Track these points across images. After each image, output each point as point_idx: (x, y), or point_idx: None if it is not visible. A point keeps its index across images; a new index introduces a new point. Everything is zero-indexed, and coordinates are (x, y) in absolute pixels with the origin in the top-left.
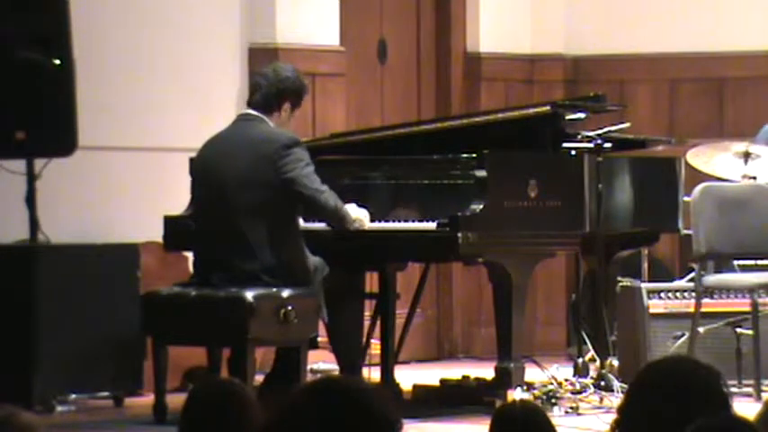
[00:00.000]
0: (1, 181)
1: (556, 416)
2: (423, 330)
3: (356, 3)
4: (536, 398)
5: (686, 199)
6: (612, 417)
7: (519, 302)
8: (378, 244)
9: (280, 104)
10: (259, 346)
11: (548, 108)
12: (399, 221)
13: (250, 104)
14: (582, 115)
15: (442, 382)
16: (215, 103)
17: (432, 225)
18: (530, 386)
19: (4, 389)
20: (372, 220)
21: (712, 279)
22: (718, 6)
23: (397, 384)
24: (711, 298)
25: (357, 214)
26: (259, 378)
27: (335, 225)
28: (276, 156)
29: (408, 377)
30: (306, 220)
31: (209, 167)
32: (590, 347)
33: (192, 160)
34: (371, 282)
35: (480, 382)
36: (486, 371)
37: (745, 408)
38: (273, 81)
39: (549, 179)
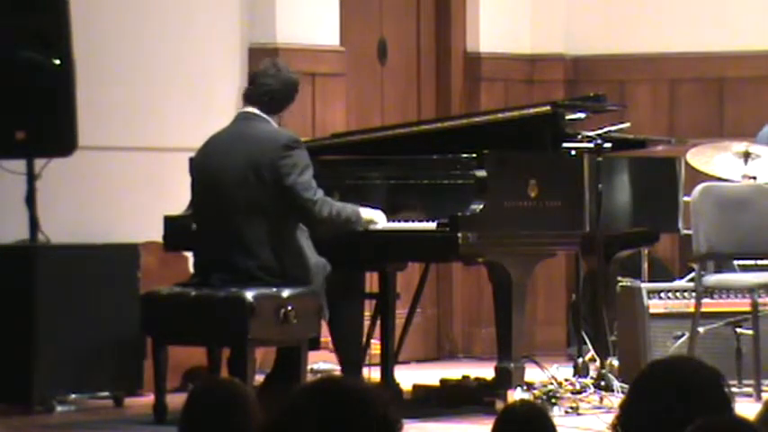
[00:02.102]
0: (1, 181)
1: (556, 416)
2: (423, 330)
3: (356, 3)
4: (536, 398)
5: (686, 199)
6: (613, 416)
7: (519, 302)
8: (378, 244)
9: (282, 109)
10: (259, 346)
11: (548, 108)
12: (399, 221)
13: (252, 102)
14: (582, 115)
15: (442, 382)
16: (215, 103)
17: (432, 225)
18: (530, 386)
19: (4, 389)
20: None
21: (712, 279)
22: (718, 6)
23: (397, 384)
24: (711, 298)
25: (370, 215)
26: (259, 378)
27: (337, 231)
28: (276, 156)
29: (408, 377)
30: None
31: (208, 167)
32: (590, 347)
33: (192, 160)
34: (371, 282)
35: (480, 382)
36: (486, 371)
37: (745, 408)
38: (281, 84)
39: (549, 179)
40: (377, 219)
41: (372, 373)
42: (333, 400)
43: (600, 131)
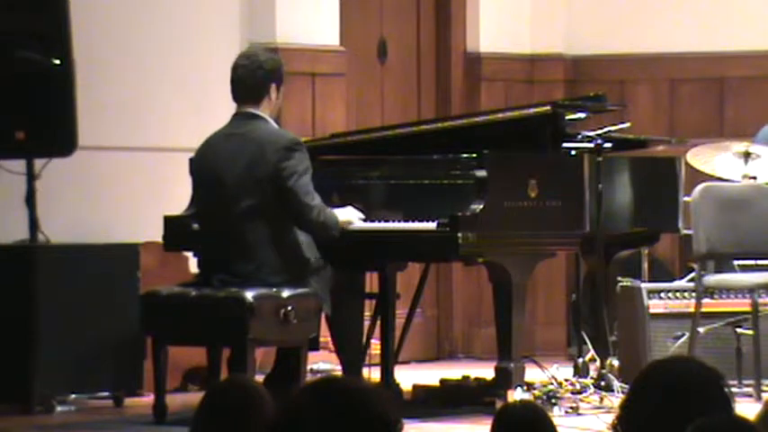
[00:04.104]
0: (1, 181)
1: (556, 416)
2: (423, 330)
3: (356, 3)
4: (536, 398)
5: (686, 199)
6: (612, 416)
7: (519, 302)
8: (378, 244)
9: (267, 89)
10: (259, 346)
11: (548, 108)
12: (399, 221)
13: (238, 99)
14: (582, 115)
15: (442, 382)
16: (215, 104)
17: (432, 225)
18: (530, 386)
19: (4, 389)
20: (372, 220)
21: (712, 279)
22: (717, 6)
23: (397, 384)
24: (711, 298)
25: (345, 217)
26: (259, 378)
27: (320, 236)
28: (276, 158)
29: (408, 377)
30: None
31: (209, 169)
32: (590, 347)
33: (191, 160)
34: (371, 282)
35: (480, 382)
36: (486, 371)
37: (745, 408)
38: (253, 68)
39: (549, 179)
40: (351, 218)
41: (372, 373)
42: (333, 400)
43: (600, 131)
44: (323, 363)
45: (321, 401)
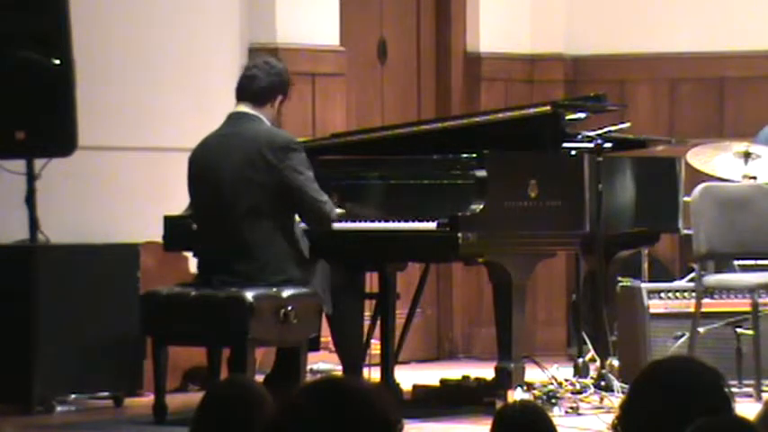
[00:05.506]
0: (1, 181)
1: (556, 416)
2: (423, 330)
3: (356, 3)
4: (536, 398)
5: (686, 199)
6: (613, 416)
7: (519, 302)
8: (378, 244)
9: (274, 97)
10: (259, 346)
11: (548, 108)
12: (399, 221)
13: (242, 97)
14: (582, 115)
15: (442, 382)
16: (215, 104)
17: (432, 225)
18: (530, 386)
19: (4, 389)
20: (372, 220)
21: (713, 279)
22: (718, 6)
23: (397, 384)
24: (711, 298)
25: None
26: (259, 378)
27: (321, 229)
28: (275, 159)
29: (408, 377)
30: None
31: (206, 169)
32: (590, 347)
33: (189, 161)
34: (371, 282)
35: (480, 382)
36: (486, 371)
37: (745, 408)
38: (271, 74)
39: (549, 179)
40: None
41: (372, 373)
42: (333, 400)
43: (600, 131)
44: (323, 363)
45: (321, 401)
